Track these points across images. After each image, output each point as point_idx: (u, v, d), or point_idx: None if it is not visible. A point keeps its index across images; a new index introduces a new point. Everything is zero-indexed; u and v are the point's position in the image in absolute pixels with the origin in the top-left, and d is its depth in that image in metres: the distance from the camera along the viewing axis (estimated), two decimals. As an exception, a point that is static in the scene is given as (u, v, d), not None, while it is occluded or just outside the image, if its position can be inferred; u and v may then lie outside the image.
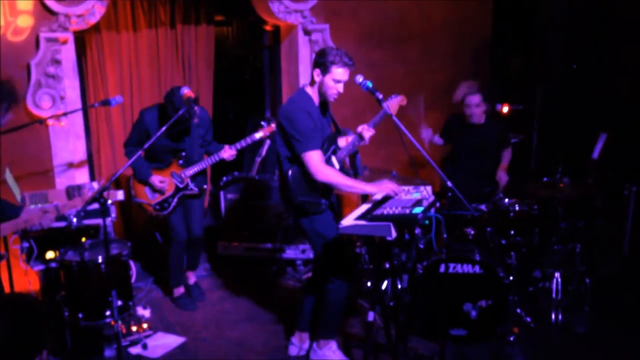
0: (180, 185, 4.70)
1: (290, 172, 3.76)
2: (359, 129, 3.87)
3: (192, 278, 5.20)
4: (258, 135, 4.75)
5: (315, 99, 3.81)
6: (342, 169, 3.87)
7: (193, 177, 4.73)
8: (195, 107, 4.39)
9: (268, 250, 5.70)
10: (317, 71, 3.70)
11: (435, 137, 5.34)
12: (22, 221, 3.59)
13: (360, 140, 3.87)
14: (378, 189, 3.66)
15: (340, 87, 3.71)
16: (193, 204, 4.88)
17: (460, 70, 6.65)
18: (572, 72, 6.23)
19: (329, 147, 3.86)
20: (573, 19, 6.45)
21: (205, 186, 4.87)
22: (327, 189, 3.81)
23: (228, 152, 4.71)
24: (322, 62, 3.66)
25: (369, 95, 3.69)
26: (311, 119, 3.68)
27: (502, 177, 5.08)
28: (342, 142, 3.96)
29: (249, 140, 4.73)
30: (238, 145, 4.73)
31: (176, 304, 4.99)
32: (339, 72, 3.64)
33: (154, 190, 4.71)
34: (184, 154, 4.69)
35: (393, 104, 3.90)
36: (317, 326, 4.08)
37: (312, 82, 3.77)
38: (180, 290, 5.04)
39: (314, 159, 3.63)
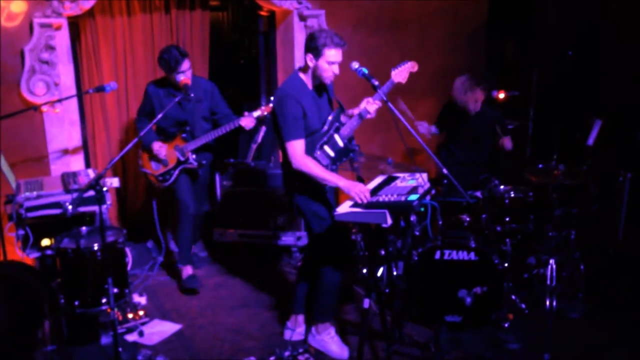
0: (182, 159, 4.89)
1: None
2: (364, 102, 3.85)
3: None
4: (256, 113, 4.90)
5: (309, 83, 3.79)
6: (347, 146, 3.87)
7: (196, 152, 4.91)
8: (186, 68, 4.69)
9: (263, 236, 5.70)
10: (309, 56, 3.67)
11: (432, 127, 5.32)
12: None
13: (365, 114, 3.82)
14: (348, 188, 3.58)
15: (335, 69, 3.69)
16: (198, 183, 5.11)
17: (457, 56, 6.64)
18: (568, 58, 6.21)
19: (331, 125, 3.85)
20: (569, 4, 6.42)
21: (204, 162, 5.01)
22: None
23: (247, 121, 4.83)
24: (313, 47, 3.63)
25: (365, 81, 3.68)
26: (299, 107, 3.67)
27: (506, 142, 5.13)
28: (345, 120, 3.94)
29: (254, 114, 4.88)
30: (254, 114, 4.87)
31: (184, 285, 4.99)
32: (332, 54, 3.62)
33: (157, 160, 4.91)
34: (188, 128, 4.88)
35: (403, 72, 3.87)
36: (314, 310, 4.10)
37: (306, 68, 3.75)
38: (188, 271, 5.05)
39: (294, 147, 3.66)
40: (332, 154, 3.84)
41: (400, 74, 3.85)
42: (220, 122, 4.99)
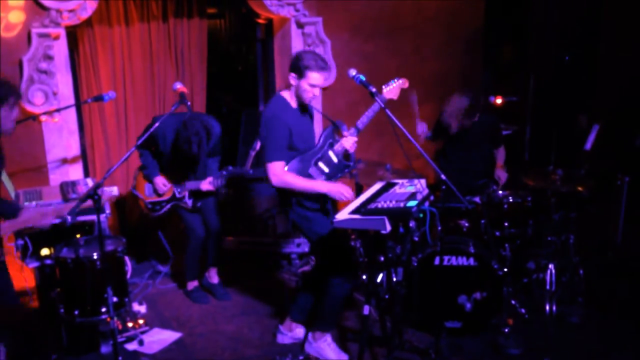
0: (178, 195, 4.80)
1: (287, 169, 3.79)
2: (344, 135, 3.93)
3: (215, 277, 5.11)
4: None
5: (293, 103, 3.85)
6: (341, 162, 3.93)
7: (198, 194, 4.76)
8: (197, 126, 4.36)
9: (263, 244, 5.70)
10: (292, 75, 3.74)
11: (429, 132, 5.31)
12: (21, 222, 3.56)
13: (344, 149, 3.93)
14: (330, 191, 3.71)
15: (316, 91, 3.75)
16: (207, 200, 4.91)
17: (454, 61, 6.67)
18: (565, 62, 6.24)
19: (325, 141, 3.90)
20: (565, 8, 6.45)
21: (199, 205, 4.83)
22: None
23: (206, 186, 4.71)
24: (297, 67, 3.70)
25: (362, 88, 3.70)
26: (286, 128, 3.73)
27: (501, 175, 5.07)
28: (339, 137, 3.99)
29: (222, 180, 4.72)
30: (217, 183, 4.69)
31: (189, 296, 5.01)
32: (314, 77, 3.68)
33: (154, 190, 4.81)
34: (194, 166, 4.76)
35: (395, 89, 3.93)
36: (316, 318, 4.10)
37: (289, 86, 3.81)
38: (194, 284, 5.05)
39: (274, 168, 3.74)
40: (326, 169, 3.90)
41: (392, 91, 3.92)
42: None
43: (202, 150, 4.41)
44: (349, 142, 3.89)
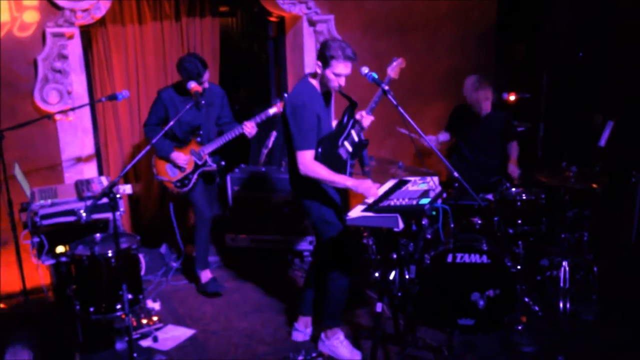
0: (199, 162, 4.92)
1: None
2: (357, 116, 3.90)
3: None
4: (272, 110, 4.85)
5: (319, 88, 3.84)
6: (361, 141, 3.95)
7: (211, 155, 4.95)
8: (206, 79, 4.72)
9: (275, 242, 5.72)
10: (318, 63, 3.73)
11: (440, 135, 5.30)
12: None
13: (360, 127, 3.91)
14: (357, 187, 3.67)
15: (341, 81, 3.73)
16: (209, 187, 5.15)
17: (466, 59, 6.64)
18: (578, 59, 6.20)
19: (349, 120, 3.91)
20: (578, 4, 6.41)
21: (223, 163, 5.10)
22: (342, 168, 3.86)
23: (248, 127, 4.83)
24: (323, 55, 3.68)
25: (374, 85, 3.70)
26: (315, 116, 3.71)
27: (514, 170, 5.06)
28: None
29: (263, 116, 4.85)
30: (258, 119, 4.86)
31: (205, 289, 5.05)
32: (340, 67, 3.66)
33: (175, 166, 4.91)
34: (201, 132, 4.90)
35: (396, 69, 3.98)
36: (322, 316, 4.11)
37: (315, 74, 3.80)
38: (207, 275, 5.11)
39: (305, 157, 3.70)
40: (350, 148, 3.91)
41: (394, 70, 3.97)
42: (222, 129, 5.00)
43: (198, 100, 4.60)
44: (368, 120, 3.91)
